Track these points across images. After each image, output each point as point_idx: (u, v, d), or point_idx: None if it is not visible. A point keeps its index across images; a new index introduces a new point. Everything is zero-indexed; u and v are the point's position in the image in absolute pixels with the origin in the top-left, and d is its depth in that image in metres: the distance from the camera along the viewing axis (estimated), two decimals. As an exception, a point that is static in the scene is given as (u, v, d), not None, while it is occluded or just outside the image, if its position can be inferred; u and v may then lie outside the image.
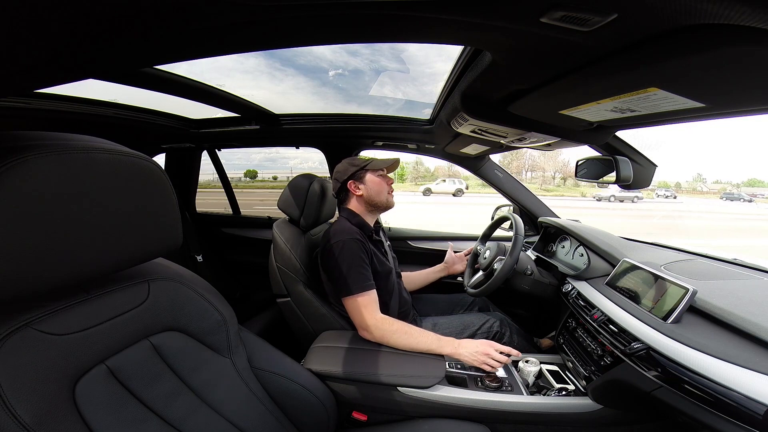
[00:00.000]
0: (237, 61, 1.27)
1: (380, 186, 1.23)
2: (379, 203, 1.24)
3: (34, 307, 0.47)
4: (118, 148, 0.50)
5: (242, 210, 2.40)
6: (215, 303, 0.70)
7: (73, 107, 1.29)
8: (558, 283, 1.31)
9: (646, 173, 1.14)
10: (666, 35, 0.43)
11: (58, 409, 0.44)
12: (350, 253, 1.07)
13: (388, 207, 1.27)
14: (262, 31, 0.46)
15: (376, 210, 1.26)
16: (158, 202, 0.56)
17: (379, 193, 1.23)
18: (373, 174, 1.24)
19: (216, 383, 0.67)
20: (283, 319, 1.26)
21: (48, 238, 0.42)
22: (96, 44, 0.41)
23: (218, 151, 2.18)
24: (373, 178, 1.23)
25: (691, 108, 0.62)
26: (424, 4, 0.41)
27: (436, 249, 1.93)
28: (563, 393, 1.00)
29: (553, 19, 0.42)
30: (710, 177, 56.35)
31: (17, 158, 0.40)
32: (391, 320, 1.05)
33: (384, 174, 1.27)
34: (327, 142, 1.89)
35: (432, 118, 1.45)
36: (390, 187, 1.27)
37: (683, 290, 0.78)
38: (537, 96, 0.74)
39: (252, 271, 2.21)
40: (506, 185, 1.83)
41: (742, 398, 0.58)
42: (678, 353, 0.69)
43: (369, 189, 1.23)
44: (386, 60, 1.42)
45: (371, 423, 0.97)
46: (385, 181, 1.25)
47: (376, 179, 1.23)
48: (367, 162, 1.24)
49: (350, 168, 1.23)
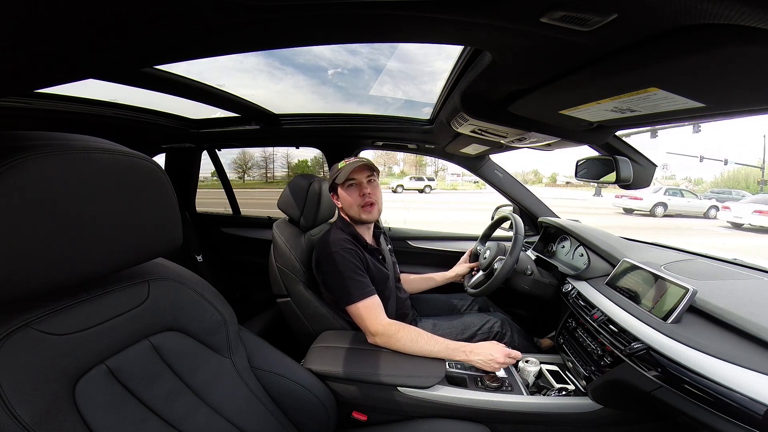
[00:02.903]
0: (236, 61, 1.27)
1: (349, 201, 1.15)
2: (353, 217, 1.17)
3: (34, 307, 0.47)
4: (118, 148, 0.50)
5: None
6: (215, 303, 0.70)
7: (73, 107, 1.29)
8: (558, 283, 1.31)
9: (646, 173, 1.14)
10: (666, 35, 0.43)
11: (58, 409, 0.44)
12: (344, 263, 1.06)
13: (363, 222, 1.18)
14: (262, 31, 0.46)
15: (359, 223, 1.19)
16: (158, 202, 0.56)
17: (350, 207, 1.16)
18: (342, 188, 1.16)
19: (216, 383, 0.67)
20: (283, 319, 1.26)
21: (48, 238, 0.42)
22: (96, 44, 0.41)
23: (218, 151, 2.19)
24: (342, 192, 1.16)
25: (691, 108, 0.62)
26: (424, 4, 0.41)
27: (436, 249, 1.93)
28: (563, 393, 1.00)
29: (553, 19, 0.42)
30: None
31: (17, 158, 0.40)
32: (397, 326, 1.02)
33: (360, 182, 1.15)
34: (327, 142, 1.89)
35: (432, 117, 1.45)
36: (365, 198, 1.14)
37: (683, 290, 0.78)
38: (537, 96, 0.74)
39: (252, 271, 2.21)
40: (506, 185, 1.83)
41: (742, 398, 0.58)
42: (678, 353, 0.69)
43: (343, 203, 1.18)
44: (386, 58, 1.42)
45: (371, 423, 0.97)
46: (357, 192, 1.14)
47: (344, 194, 1.16)
48: (335, 174, 1.14)
49: (329, 179, 1.19)
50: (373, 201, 1.16)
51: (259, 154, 28.85)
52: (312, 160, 30.58)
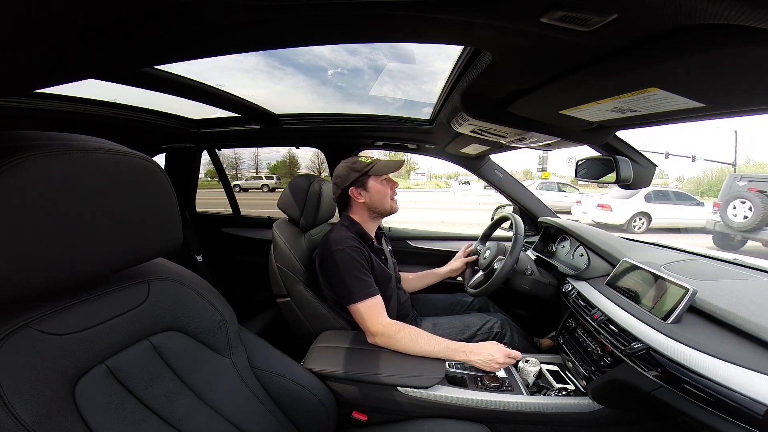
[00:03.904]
0: (236, 60, 1.27)
1: (384, 193, 1.18)
2: (383, 210, 1.20)
3: (34, 307, 0.47)
4: (118, 148, 0.51)
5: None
6: (215, 303, 0.70)
7: (73, 107, 1.29)
8: (558, 283, 1.31)
9: (646, 173, 1.14)
10: (666, 35, 0.43)
11: (58, 409, 0.44)
12: (349, 261, 1.06)
13: (392, 213, 1.23)
14: (262, 31, 0.46)
15: (378, 217, 1.23)
16: (158, 202, 0.56)
17: (383, 200, 1.19)
18: (375, 180, 1.18)
19: (216, 383, 0.67)
20: (283, 319, 1.26)
21: (48, 239, 0.42)
22: (96, 44, 0.41)
23: (218, 151, 2.19)
24: (375, 184, 1.18)
25: (691, 108, 0.62)
26: (423, 4, 0.41)
27: (435, 249, 1.93)
28: (563, 393, 1.00)
29: (553, 19, 0.42)
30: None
31: (17, 158, 0.40)
32: (398, 326, 1.03)
33: (388, 178, 1.21)
34: (327, 142, 1.90)
35: (432, 117, 1.45)
36: (394, 191, 1.22)
37: (683, 290, 0.78)
38: (537, 96, 0.74)
39: (252, 271, 2.21)
40: (506, 185, 1.83)
41: (742, 398, 0.58)
42: (678, 353, 0.69)
43: (372, 196, 1.18)
44: (385, 58, 1.42)
45: (371, 423, 0.97)
46: (389, 186, 1.20)
47: (379, 186, 1.18)
48: (369, 167, 1.16)
49: (352, 174, 1.16)
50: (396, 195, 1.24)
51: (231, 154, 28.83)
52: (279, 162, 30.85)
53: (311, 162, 28.99)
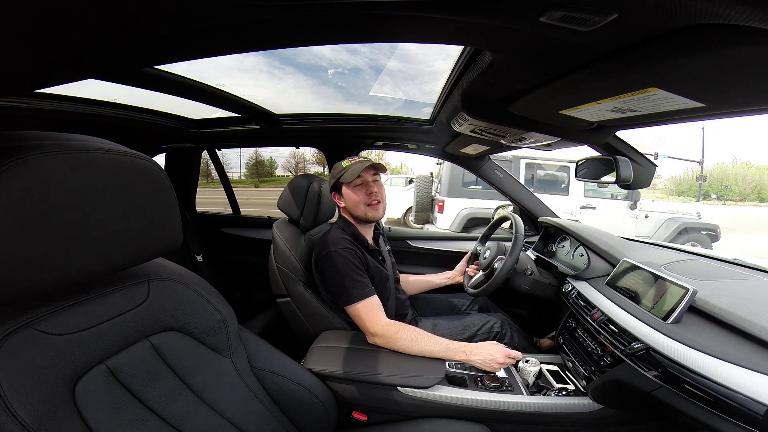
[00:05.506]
0: (236, 60, 1.27)
1: (355, 200, 1.15)
2: (358, 217, 1.17)
3: (34, 307, 0.47)
4: (118, 148, 0.51)
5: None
6: (215, 303, 0.70)
7: (73, 107, 1.29)
8: (558, 283, 1.31)
9: (646, 173, 1.14)
10: (666, 35, 0.43)
11: (58, 409, 0.44)
12: (344, 263, 1.06)
13: (368, 220, 1.18)
14: (262, 31, 0.46)
15: (360, 222, 1.20)
16: (158, 202, 0.56)
17: (356, 207, 1.15)
18: (348, 187, 1.15)
19: (216, 383, 0.67)
20: (283, 319, 1.26)
21: (48, 238, 0.42)
22: (96, 44, 0.41)
23: (218, 151, 2.19)
24: (347, 191, 1.16)
25: (691, 108, 0.62)
26: (423, 4, 0.40)
27: (435, 249, 1.93)
28: (563, 393, 1.00)
29: (553, 19, 0.42)
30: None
31: (17, 158, 0.40)
32: (397, 326, 1.02)
33: (366, 181, 1.15)
34: (327, 142, 1.90)
35: (432, 117, 1.45)
36: (372, 196, 1.15)
37: (683, 290, 0.78)
38: (537, 96, 0.74)
39: (252, 271, 2.21)
40: (506, 185, 1.83)
41: (743, 398, 0.58)
42: (678, 353, 0.69)
43: (346, 202, 1.18)
44: (386, 58, 1.41)
45: (371, 423, 0.97)
46: (363, 191, 1.14)
47: (351, 193, 1.15)
48: (340, 173, 1.14)
49: (332, 179, 1.18)
50: (379, 199, 1.17)
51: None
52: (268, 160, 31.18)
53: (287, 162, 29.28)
